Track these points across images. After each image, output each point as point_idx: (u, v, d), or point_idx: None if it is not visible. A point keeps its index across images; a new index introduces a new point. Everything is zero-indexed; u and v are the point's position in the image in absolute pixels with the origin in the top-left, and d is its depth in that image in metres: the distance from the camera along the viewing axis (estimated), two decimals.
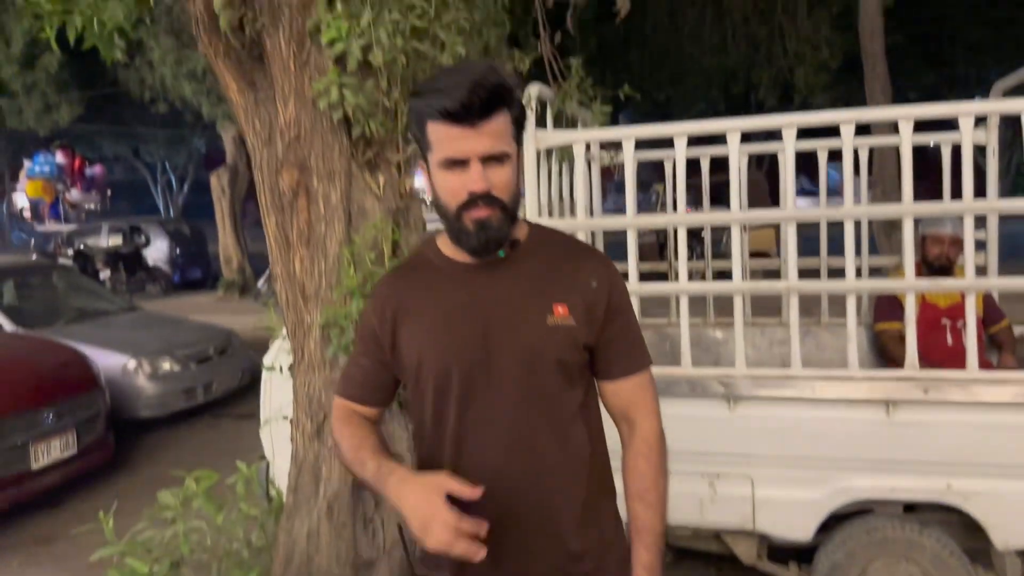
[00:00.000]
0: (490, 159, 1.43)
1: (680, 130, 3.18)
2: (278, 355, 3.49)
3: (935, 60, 18.65)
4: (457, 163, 1.43)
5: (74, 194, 18.91)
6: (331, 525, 2.49)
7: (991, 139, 3.94)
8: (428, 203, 3.20)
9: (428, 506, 1.36)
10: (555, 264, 1.56)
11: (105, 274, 16.10)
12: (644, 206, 15.73)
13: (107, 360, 6.58)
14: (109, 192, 27.38)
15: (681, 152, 3.21)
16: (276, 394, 3.52)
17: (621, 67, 13.13)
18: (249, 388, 7.87)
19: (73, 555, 4.51)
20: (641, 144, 3.44)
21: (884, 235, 10.41)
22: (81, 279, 9.14)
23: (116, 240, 17.19)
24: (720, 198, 3.83)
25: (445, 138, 1.42)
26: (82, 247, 16.90)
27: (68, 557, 4.52)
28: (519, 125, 1.49)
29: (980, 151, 4.03)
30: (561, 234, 1.65)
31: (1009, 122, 3.39)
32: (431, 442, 1.58)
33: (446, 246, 1.58)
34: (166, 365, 6.96)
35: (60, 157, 19.29)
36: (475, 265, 1.54)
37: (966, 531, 3.16)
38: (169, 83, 13.22)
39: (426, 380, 1.54)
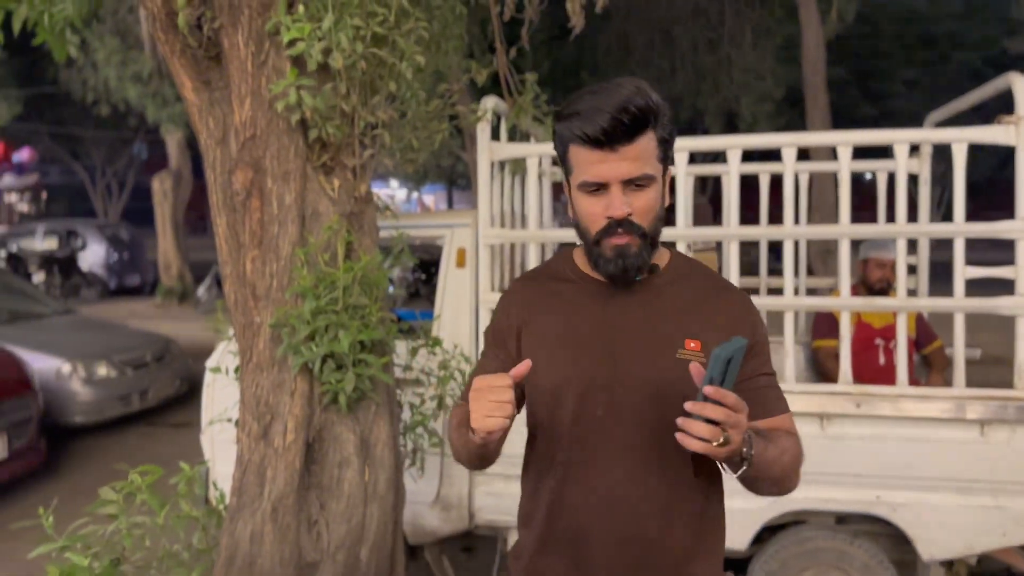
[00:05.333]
0: (632, 183, 1.37)
1: None
2: (223, 357, 3.45)
3: (873, 95, 19.38)
4: (597, 187, 1.38)
5: (7, 180, 17.36)
6: (275, 527, 2.47)
7: (923, 168, 4.12)
8: (381, 208, 3.23)
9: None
10: (694, 297, 1.49)
11: (39, 277, 15.62)
12: None
13: (41, 363, 6.40)
14: (45, 195, 26.56)
15: None
16: (219, 397, 3.48)
17: (573, 88, 13.30)
18: (186, 396, 7.73)
19: (2, 558, 4.36)
20: None
21: (820, 261, 10.75)
22: (13, 280, 8.86)
23: (51, 243, 16.68)
24: (668, 220, 3.90)
25: (585, 162, 1.38)
26: (16, 249, 16.37)
27: None
28: (666, 145, 1.41)
29: (914, 182, 4.23)
30: (704, 267, 1.57)
31: (943, 156, 3.57)
32: (540, 461, 1.51)
33: (583, 262, 1.52)
34: (102, 370, 6.78)
35: None
36: (611, 285, 1.47)
37: (894, 543, 3.29)
38: (113, 85, 12.96)
39: (541, 393, 1.47)
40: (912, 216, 3.50)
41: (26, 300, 8.04)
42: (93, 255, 16.91)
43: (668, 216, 1.55)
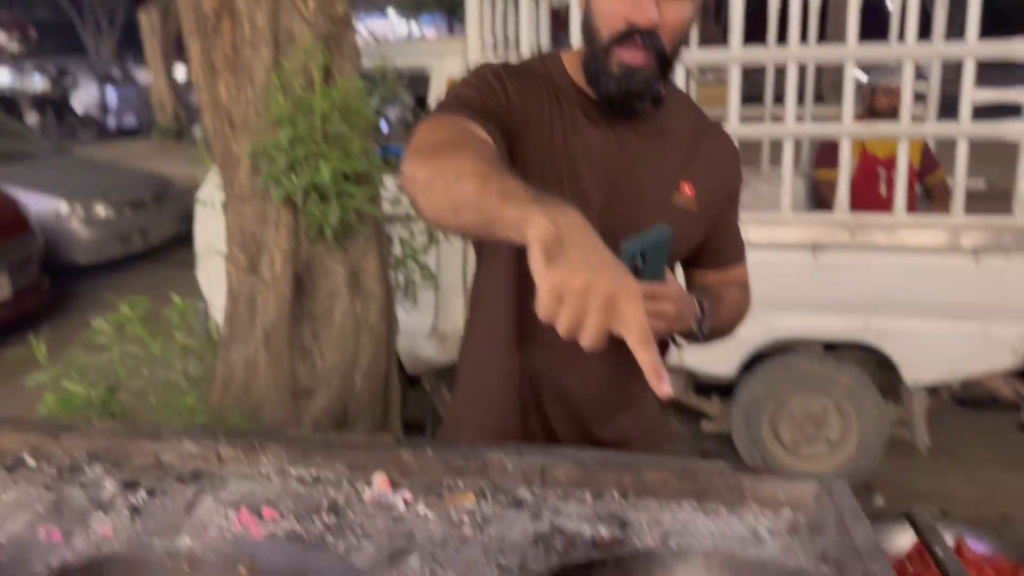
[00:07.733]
0: None
1: None
2: (211, 190, 3.41)
3: None
4: None
5: None
6: (268, 354, 2.51)
7: None
8: (364, 34, 3.06)
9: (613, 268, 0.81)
10: (692, 136, 1.31)
11: (32, 119, 15.36)
12: None
13: (38, 204, 6.38)
14: (33, 33, 25.65)
15: None
16: (209, 230, 3.47)
17: None
18: (189, 235, 7.72)
19: (7, 396, 4.52)
20: None
21: (834, 91, 10.43)
22: (5, 120, 8.69)
23: (43, 84, 16.31)
24: None
25: None
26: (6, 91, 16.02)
27: (2, 398, 4.53)
28: None
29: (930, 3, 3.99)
30: (692, 101, 1.39)
31: None
32: (499, 286, 1.31)
33: (575, 71, 1.26)
34: (100, 210, 6.78)
35: None
36: (606, 107, 1.24)
37: (879, 369, 3.35)
38: None
39: None
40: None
41: (18, 140, 7.91)
42: (87, 95, 16.56)
43: None
